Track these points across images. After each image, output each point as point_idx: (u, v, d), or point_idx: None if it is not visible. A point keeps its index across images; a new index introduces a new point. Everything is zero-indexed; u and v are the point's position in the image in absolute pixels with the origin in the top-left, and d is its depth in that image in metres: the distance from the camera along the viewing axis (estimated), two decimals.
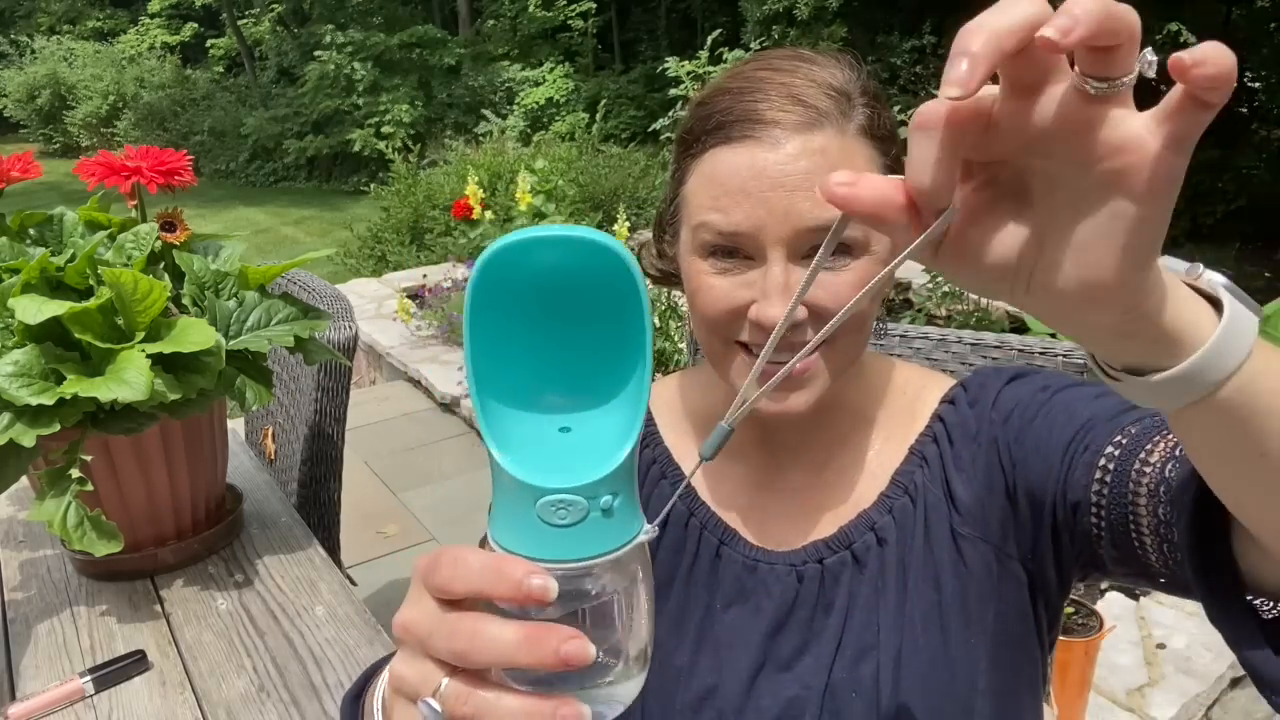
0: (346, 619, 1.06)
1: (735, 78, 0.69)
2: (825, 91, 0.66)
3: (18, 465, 0.95)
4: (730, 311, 0.67)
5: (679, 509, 0.80)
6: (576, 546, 0.40)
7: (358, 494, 3.12)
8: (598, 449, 0.41)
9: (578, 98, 12.93)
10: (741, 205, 0.64)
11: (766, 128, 0.64)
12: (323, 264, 6.71)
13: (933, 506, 0.73)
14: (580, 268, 0.40)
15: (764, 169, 0.64)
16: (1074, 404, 0.67)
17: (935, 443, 0.75)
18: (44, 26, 20.50)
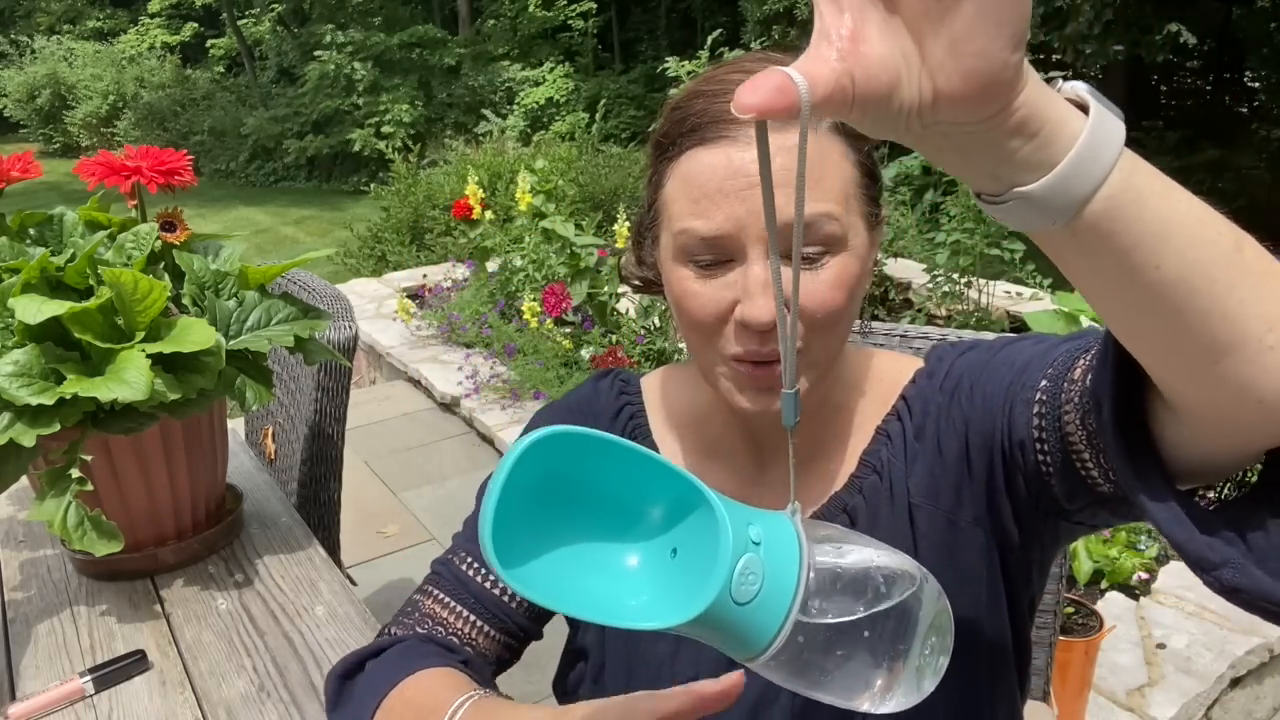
0: (346, 619, 1.06)
1: (708, 81, 0.69)
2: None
3: (18, 465, 0.95)
4: (716, 315, 0.67)
5: None
6: (786, 583, 0.42)
7: (358, 494, 3.12)
8: (701, 528, 0.42)
9: (578, 98, 12.93)
10: (721, 207, 0.65)
11: (741, 127, 0.65)
12: (323, 264, 6.71)
13: (896, 481, 0.74)
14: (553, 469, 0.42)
15: (740, 167, 0.64)
16: (1014, 354, 0.70)
17: (899, 419, 0.76)
18: (44, 26, 20.49)
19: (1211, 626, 1.97)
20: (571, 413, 0.86)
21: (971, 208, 3.47)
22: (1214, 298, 0.42)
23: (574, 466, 0.43)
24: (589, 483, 0.44)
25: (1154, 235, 0.41)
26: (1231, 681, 1.88)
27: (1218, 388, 0.45)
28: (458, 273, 4.76)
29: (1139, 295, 0.43)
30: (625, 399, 0.86)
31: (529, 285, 3.93)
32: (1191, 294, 0.42)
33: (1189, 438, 0.50)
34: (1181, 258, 0.41)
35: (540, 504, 0.43)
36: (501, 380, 3.70)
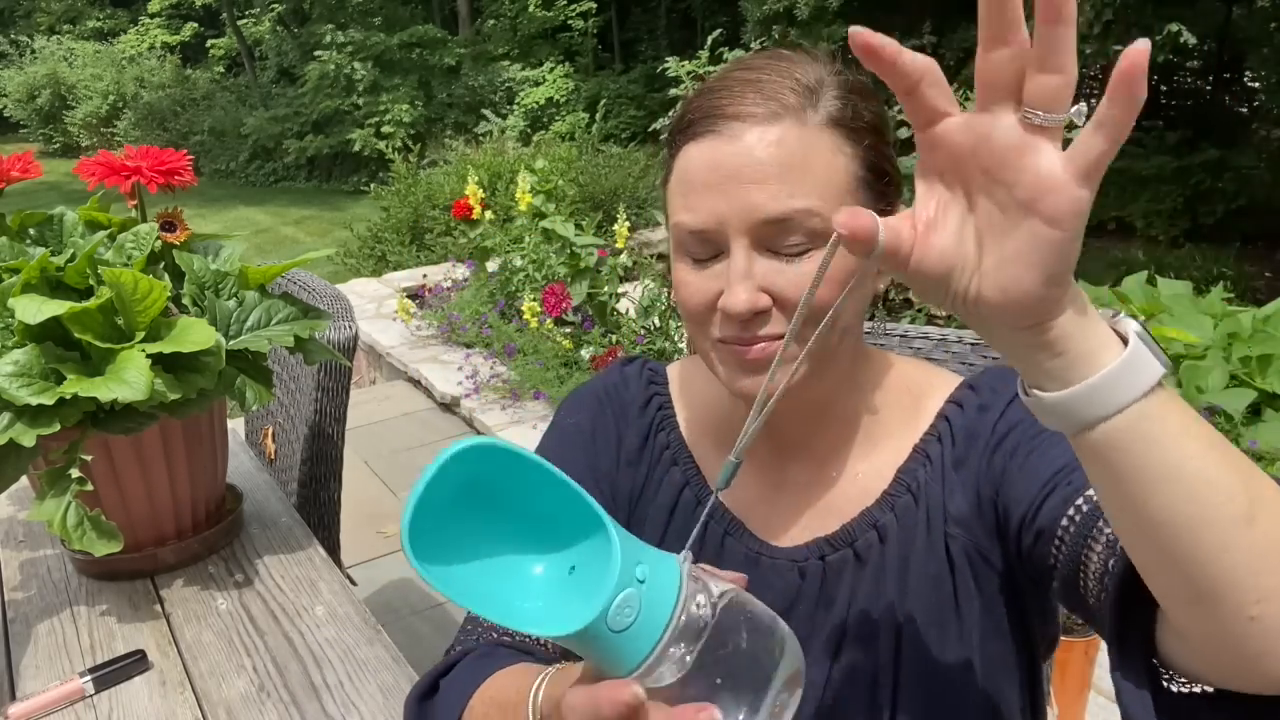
0: (346, 619, 1.06)
1: (715, 78, 0.71)
2: (790, 86, 0.67)
3: (18, 465, 0.95)
4: (705, 305, 0.69)
5: (687, 496, 0.81)
6: (658, 618, 0.46)
7: (358, 494, 3.12)
8: (596, 555, 0.46)
9: (578, 98, 12.93)
10: (705, 200, 0.66)
11: (727, 121, 0.66)
12: (323, 264, 6.71)
13: (933, 505, 0.74)
14: (462, 483, 0.46)
15: (722, 161, 0.66)
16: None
17: (939, 442, 0.75)
18: (44, 26, 20.49)
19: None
20: (600, 401, 0.86)
21: None
22: (1200, 551, 0.43)
23: (500, 475, 0.47)
24: (511, 492, 0.47)
25: (1152, 478, 0.43)
26: None
27: (1198, 622, 0.45)
28: (458, 273, 4.76)
29: (1125, 513, 0.45)
30: (654, 389, 0.86)
31: (529, 285, 3.93)
32: (1176, 540, 0.43)
33: (1183, 647, 0.49)
34: (1174, 507, 0.43)
35: (464, 506, 0.46)
36: (501, 380, 3.70)
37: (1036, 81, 0.40)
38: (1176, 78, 11.13)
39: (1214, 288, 3.89)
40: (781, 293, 0.66)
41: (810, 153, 0.66)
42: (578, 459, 0.84)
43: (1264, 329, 3.21)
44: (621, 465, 0.84)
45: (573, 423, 0.87)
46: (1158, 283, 3.83)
